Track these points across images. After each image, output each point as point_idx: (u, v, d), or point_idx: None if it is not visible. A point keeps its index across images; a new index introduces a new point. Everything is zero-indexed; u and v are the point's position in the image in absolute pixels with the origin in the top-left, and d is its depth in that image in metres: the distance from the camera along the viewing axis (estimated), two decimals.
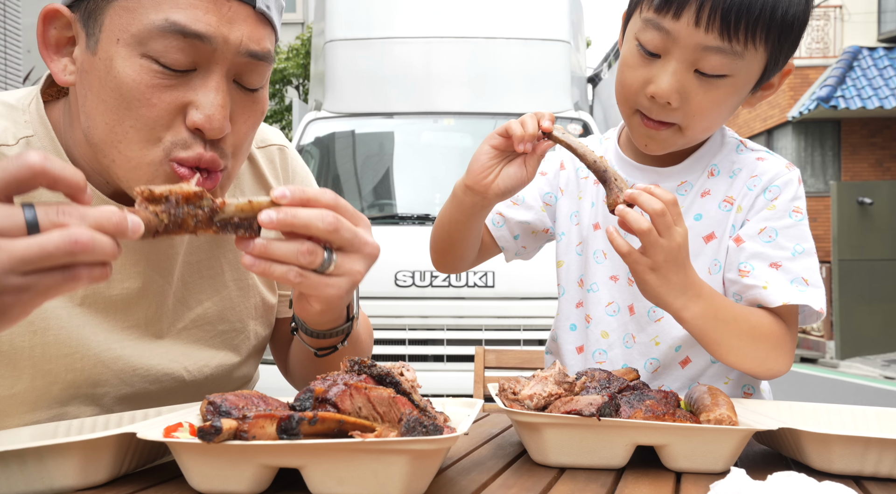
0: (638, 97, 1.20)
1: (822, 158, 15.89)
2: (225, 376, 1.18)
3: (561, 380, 0.95)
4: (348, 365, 0.86)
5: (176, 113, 0.95)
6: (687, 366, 1.32)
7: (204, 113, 0.95)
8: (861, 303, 12.61)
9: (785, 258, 1.22)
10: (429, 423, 0.73)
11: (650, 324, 1.31)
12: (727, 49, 1.13)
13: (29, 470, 0.76)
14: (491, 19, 5.08)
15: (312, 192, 0.87)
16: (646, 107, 1.20)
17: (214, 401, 0.79)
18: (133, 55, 0.93)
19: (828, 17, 16.91)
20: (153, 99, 0.94)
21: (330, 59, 5.17)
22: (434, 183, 4.95)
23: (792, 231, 1.24)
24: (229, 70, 0.97)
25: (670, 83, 1.15)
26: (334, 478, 0.73)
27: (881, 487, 0.85)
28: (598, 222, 1.37)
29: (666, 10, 1.13)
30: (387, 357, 4.00)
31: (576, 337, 1.38)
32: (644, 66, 1.18)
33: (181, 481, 0.78)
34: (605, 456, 0.90)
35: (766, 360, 1.19)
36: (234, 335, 1.19)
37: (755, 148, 1.35)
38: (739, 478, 0.70)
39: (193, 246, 1.14)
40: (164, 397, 1.11)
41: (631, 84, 1.20)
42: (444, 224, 1.32)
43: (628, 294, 1.33)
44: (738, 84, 1.18)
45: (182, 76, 0.95)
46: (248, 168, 1.23)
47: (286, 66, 12.71)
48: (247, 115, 1.02)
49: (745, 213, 1.28)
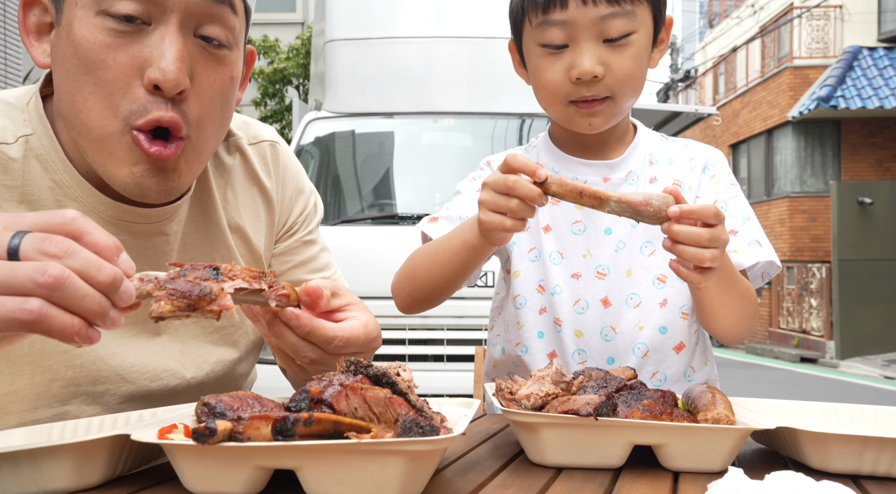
0: (565, 89, 1.28)
1: (822, 158, 15.88)
2: (226, 372, 1.18)
3: (558, 380, 0.94)
4: (344, 366, 0.86)
5: (133, 73, 0.95)
6: (682, 351, 1.35)
7: (159, 67, 0.93)
8: (861, 303, 12.61)
9: (738, 225, 1.34)
10: (425, 424, 0.72)
11: (629, 311, 1.34)
12: (620, 12, 1.23)
13: (22, 473, 0.76)
14: (491, 19, 5.07)
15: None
16: (576, 93, 1.27)
17: (209, 402, 0.79)
18: (89, 16, 0.94)
19: (828, 17, 16.90)
20: (108, 59, 0.94)
21: (330, 59, 5.17)
22: (434, 183, 4.94)
23: (736, 201, 1.38)
24: (185, 20, 0.96)
25: (589, 59, 1.24)
26: (330, 479, 0.72)
27: (879, 486, 0.85)
28: (547, 224, 1.39)
29: (552, 5, 1.24)
30: (386, 357, 4.00)
31: (545, 343, 1.37)
32: (558, 60, 1.27)
33: (176, 483, 0.78)
34: (602, 456, 0.89)
35: (750, 322, 1.28)
36: (233, 330, 1.19)
37: (674, 139, 1.48)
38: (737, 478, 0.69)
39: (187, 243, 1.14)
40: (167, 396, 1.11)
41: (554, 81, 1.28)
42: (440, 272, 1.26)
43: (598, 288, 1.34)
44: (642, 40, 1.28)
45: (137, 32, 0.94)
46: (241, 163, 1.22)
47: (286, 66, 12.70)
48: (212, 76, 1.00)
49: (696, 191, 1.39)
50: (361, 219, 4.69)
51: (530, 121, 5.00)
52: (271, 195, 1.24)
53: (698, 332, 1.38)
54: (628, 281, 1.34)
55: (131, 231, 1.06)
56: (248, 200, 1.21)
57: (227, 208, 1.18)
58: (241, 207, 1.20)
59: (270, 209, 1.24)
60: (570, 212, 1.38)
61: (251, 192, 1.22)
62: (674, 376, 1.35)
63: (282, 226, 1.27)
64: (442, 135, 5.20)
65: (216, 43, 0.99)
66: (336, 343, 0.93)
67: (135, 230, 1.06)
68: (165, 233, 1.09)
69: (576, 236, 1.37)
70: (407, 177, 5.07)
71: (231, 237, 1.18)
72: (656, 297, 1.34)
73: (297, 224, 1.29)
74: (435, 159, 5.10)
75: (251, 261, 1.21)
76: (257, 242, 1.21)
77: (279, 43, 13.17)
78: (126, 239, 1.05)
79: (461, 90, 5.04)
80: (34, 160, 1.01)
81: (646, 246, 1.35)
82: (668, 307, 1.34)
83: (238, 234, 1.19)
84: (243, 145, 1.22)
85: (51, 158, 1.02)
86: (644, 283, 1.34)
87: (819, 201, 15.41)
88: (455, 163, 5.05)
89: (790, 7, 17.52)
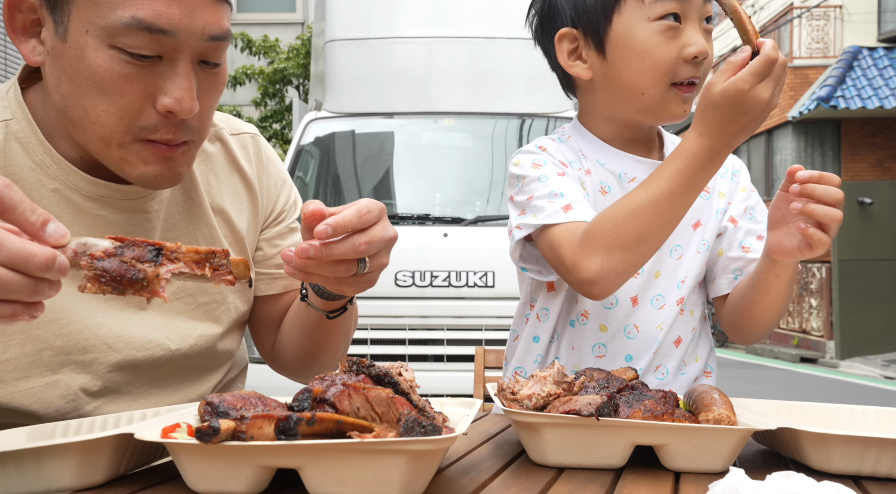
0: (676, 68, 1.24)
1: (822, 158, 15.88)
2: (209, 346, 1.22)
3: (560, 380, 0.94)
4: (346, 366, 0.86)
5: (146, 99, 1.02)
6: (679, 345, 1.37)
7: (173, 97, 1.01)
8: (861, 303, 12.60)
9: (762, 230, 1.36)
10: (427, 423, 0.73)
11: (654, 312, 1.34)
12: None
13: (26, 471, 0.76)
14: (491, 19, 5.07)
15: (347, 217, 0.90)
16: (687, 73, 1.25)
17: (212, 402, 0.79)
18: (102, 46, 0.99)
19: (828, 17, 16.90)
20: (125, 87, 1.01)
21: (330, 59, 5.17)
22: (434, 183, 4.95)
23: (759, 206, 1.42)
24: (193, 55, 1.03)
25: (702, 38, 1.23)
26: (333, 479, 0.73)
27: (880, 487, 0.85)
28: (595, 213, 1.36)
29: None
30: (387, 357, 4.00)
31: (573, 333, 1.37)
32: (672, 38, 1.23)
33: (179, 482, 0.78)
34: (603, 456, 0.90)
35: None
36: (215, 306, 1.23)
37: None
38: (738, 478, 0.70)
39: (169, 223, 1.18)
40: (153, 366, 1.15)
41: (667, 59, 1.23)
42: (665, 209, 1.17)
43: (628, 286, 1.31)
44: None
45: (150, 65, 1.00)
46: (222, 151, 1.27)
47: (286, 66, 12.69)
48: (210, 91, 1.08)
49: (728, 198, 1.41)
50: None
51: (530, 121, 5.00)
52: (253, 182, 1.29)
53: (696, 330, 1.39)
54: (655, 283, 1.35)
55: (113, 206, 1.12)
56: (230, 185, 1.27)
57: (210, 192, 1.24)
58: (223, 191, 1.26)
59: (252, 195, 1.29)
60: None
61: (233, 178, 1.27)
62: (673, 369, 1.36)
63: (269, 214, 1.33)
64: (442, 135, 5.20)
65: (214, 64, 1.07)
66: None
67: (116, 205, 1.12)
68: (146, 210, 1.15)
69: None
70: (407, 177, 5.07)
71: (214, 218, 1.23)
72: (674, 297, 1.35)
73: (285, 212, 1.35)
74: (435, 159, 5.10)
75: (234, 243, 1.26)
76: (239, 225, 1.26)
77: (279, 43, 13.17)
78: (108, 214, 1.11)
79: (461, 90, 5.03)
80: (14, 143, 1.08)
81: (675, 249, 1.35)
82: (681, 305, 1.36)
83: (221, 216, 1.25)
84: (224, 135, 1.28)
85: (30, 141, 1.08)
86: (669, 286, 1.35)
87: None
88: (455, 164, 5.06)
89: (790, 7, 17.51)
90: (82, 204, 1.09)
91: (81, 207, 1.09)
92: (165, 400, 1.18)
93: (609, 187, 1.36)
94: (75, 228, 1.08)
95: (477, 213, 4.56)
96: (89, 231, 1.09)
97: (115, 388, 1.13)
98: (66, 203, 1.09)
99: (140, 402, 1.15)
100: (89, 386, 1.10)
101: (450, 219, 4.53)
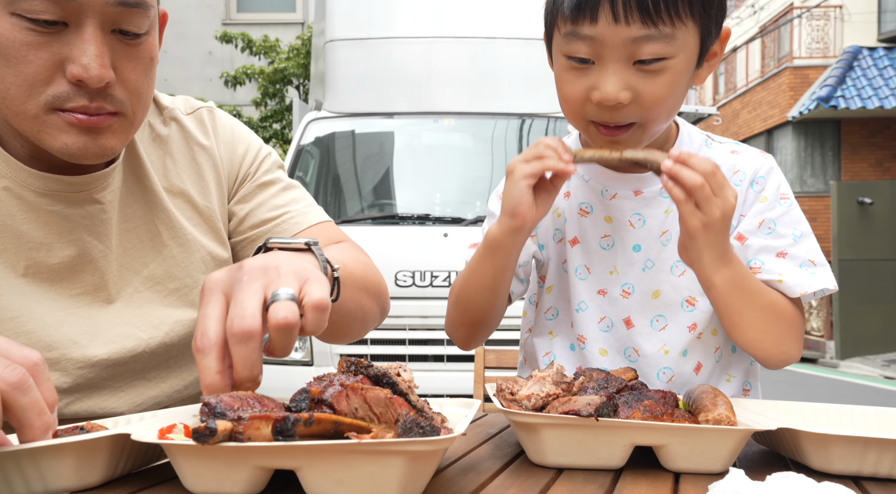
0: (585, 108, 1.16)
1: (822, 158, 15.89)
2: (187, 332, 1.20)
3: (559, 380, 0.94)
4: (345, 366, 0.86)
5: (54, 68, 0.99)
6: (700, 371, 1.29)
7: (80, 64, 0.98)
8: (861, 303, 12.60)
9: (788, 245, 1.22)
10: (426, 424, 0.72)
11: (654, 334, 1.28)
12: (657, 34, 1.08)
13: (23, 472, 0.76)
14: (491, 19, 5.07)
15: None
16: (597, 115, 1.16)
17: (209, 402, 0.79)
18: (4, 14, 0.97)
19: (828, 17, 16.91)
20: (29, 55, 0.97)
21: (330, 59, 5.17)
22: (434, 183, 4.95)
23: (786, 218, 1.25)
24: (103, 21, 1.00)
25: (614, 83, 1.11)
26: (330, 480, 0.72)
27: (880, 487, 0.85)
28: (575, 236, 1.32)
29: (581, 17, 1.10)
30: (387, 357, 3.99)
31: (575, 357, 1.34)
32: (581, 76, 1.15)
33: (176, 483, 0.78)
34: (603, 457, 0.89)
35: (782, 341, 1.18)
36: (188, 291, 1.21)
37: (723, 140, 1.35)
38: (738, 479, 0.69)
39: (126, 213, 1.17)
40: (130, 359, 1.14)
41: (574, 97, 1.16)
42: (476, 292, 1.26)
43: (621, 307, 1.29)
44: (681, 64, 1.13)
45: (55, 33, 0.98)
46: (177, 131, 1.26)
47: (286, 65, 12.68)
48: (133, 63, 1.05)
49: (740, 209, 1.26)
50: (361, 220, 4.70)
51: (530, 122, 5.00)
52: (214, 154, 1.28)
53: (720, 350, 1.31)
54: (654, 303, 1.28)
55: (64, 200, 1.10)
56: (190, 165, 1.26)
57: (168, 176, 1.23)
58: (182, 173, 1.25)
59: (215, 167, 1.28)
60: (600, 226, 1.31)
61: (191, 156, 1.26)
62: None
63: (234, 178, 1.31)
64: (442, 135, 5.19)
65: (133, 34, 1.03)
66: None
67: (67, 199, 1.10)
68: (99, 201, 1.13)
69: (604, 251, 1.30)
70: (407, 177, 5.08)
71: (172, 202, 1.22)
72: (685, 320, 1.27)
73: (249, 171, 1.33)
74: (435, 159, 5.10)
75: (199, 223, 1.25)
76: (204, 202, 1.25)
77: (279, 43, 13.15)
78: (61, 208, 1.09)
79: (461, 90, 5.04)
80: None
81: (676, 265, 1.27)
82: (695, 331, 1.27)
83: (182, 198, 1.24)
84: (178, 115, 1.27)
85: None
86: (672, 305, 1.27)
87: (819, 201, 15.41)
88: (455, 164, 5.05)
89: (790, 7, 17.53)
90: (34, 201, 1.08)
91: (34, 204, 1.08)
92: (150, 391, 1.17)
93: (591, 207, 1.32)
94: (31, 226, 1.08)
95: (477, 213, 4.56)
96: (45, 228, 1.08)
97: (88, 384, 1.11)
98: (19, 201, 1.07)
99: (120, 396, 1.14)
100: (59, 384, 1.08)
101: (450, 219, 4.53)
